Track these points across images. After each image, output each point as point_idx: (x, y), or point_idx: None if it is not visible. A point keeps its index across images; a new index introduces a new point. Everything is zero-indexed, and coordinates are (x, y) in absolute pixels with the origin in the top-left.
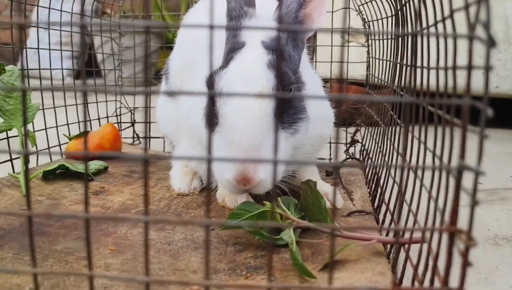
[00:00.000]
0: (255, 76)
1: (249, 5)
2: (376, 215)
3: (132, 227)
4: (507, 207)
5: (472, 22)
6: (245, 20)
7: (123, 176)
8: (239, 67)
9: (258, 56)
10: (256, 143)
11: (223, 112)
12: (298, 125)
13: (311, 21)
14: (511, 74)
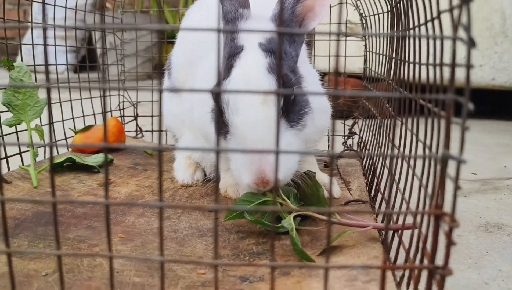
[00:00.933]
0: (257, 82)
1: (244, 7)
2: (372, 204)
3: (139, 216)
4: (499, 196)
5: (455, 23)
6: (241, 22)
7: (128, 168)
8: (240, 75)
9: (257, 61)
10: (268, 146)
11: (233, 122)
12: (305, 119)
13: (313, 14)
14: (507, 66)
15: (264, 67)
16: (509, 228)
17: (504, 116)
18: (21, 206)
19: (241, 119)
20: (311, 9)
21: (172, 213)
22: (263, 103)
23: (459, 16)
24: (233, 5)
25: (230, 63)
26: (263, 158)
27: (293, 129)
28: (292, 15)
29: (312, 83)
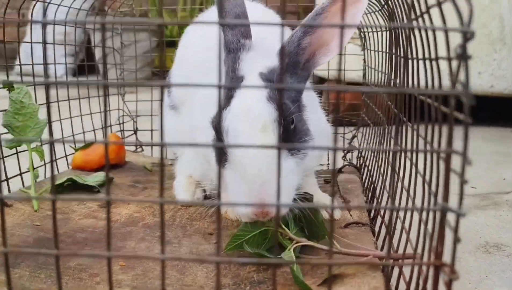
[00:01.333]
0: (256, 112)
1: (246, 38)
2: (372, 226)
3: (140, 241)
4: (499, 212)
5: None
6: (243, 53)
7: (128, 186)
8: (240, 105)
9: (257, 90)
10: (269, 178)
11: (232, 151)
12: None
13: (326, 50)
14: (506, 74)
15: (263, 97)
16: (508, 249)
17: (503, 123)
18: (23, 232)
19: (241, 150)
20: (325, 44)
21: (173, 237)
22: (262, 132)
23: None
24: (235, 36)
25: (230, 94)
26: (263, 188)
27: (294, 158)
28: (298, 48)
29: (313, 112)
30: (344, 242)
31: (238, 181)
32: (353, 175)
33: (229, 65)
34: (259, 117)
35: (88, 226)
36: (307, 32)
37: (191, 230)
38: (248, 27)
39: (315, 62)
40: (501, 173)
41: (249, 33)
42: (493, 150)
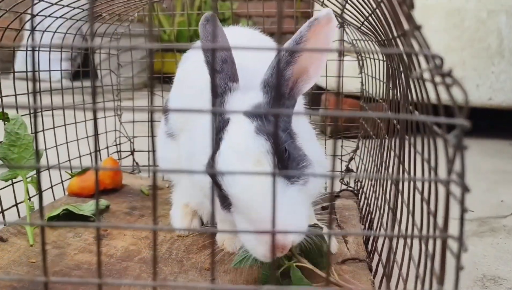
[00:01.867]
0: (245, 148)
1: (233, 81)
2: (369, 263)
3: (136, 279)
4: (496, 240)
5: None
6: (228, 95)
7: (124, 214)
8: (229, 146)
9: (243, 127)
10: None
11: (232, 194)
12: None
13: (306, 77)
14: (504, 86)
15: (251, 131)
16: (505, 283)
17: (501, 135)
18: (17, 270)
19: (238, 190)
20: (304, 71)
21: (169, 274)
22: (256, 166)
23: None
24: (223, 79)
25: (219, 137)
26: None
27: (295, 185)
28: (282, 79)
29: (307, 140)
30: (341, 279)
31: (247, 224)
32: (351, 201)
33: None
34: (249, 151)
35: (83, 262)
36: (289, 62)
37: (187, 265)
38: (235, 70)
39: (299, 90)
40: (500, 193)
41: (236, 76)
42: (491, 168)
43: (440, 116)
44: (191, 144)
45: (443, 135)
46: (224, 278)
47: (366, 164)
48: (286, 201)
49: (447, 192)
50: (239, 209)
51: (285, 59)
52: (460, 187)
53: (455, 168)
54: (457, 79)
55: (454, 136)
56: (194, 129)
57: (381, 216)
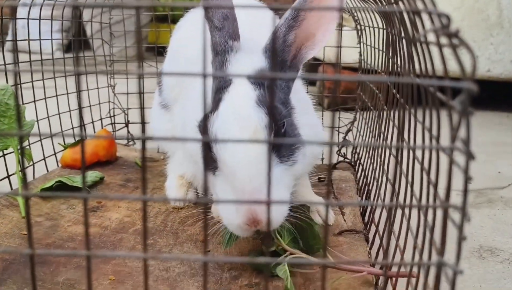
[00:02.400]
0: (246, 117)
1: (234, 39)
2: (366, 234)
3: (130, 251)
4: (493, 211)
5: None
6: (231, 55)
7: (119, 186)
8: (229, 109)
9: (246, 94)
10: (259, 185)
11: (221, 158)
12: (296, 155)
13: (312, 43)
14: (503, 58)
15: (253, 100)
16: (502, 253)
17: (499, 108)
18: (10, 243)
19: (230, 156)
20: (310, 36)
21: (164, 246)
22: (252, 137)
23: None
24: (223, 37)
25: (219, 97)
26: (254, 197)
27: (283, 165)
28: (284, 45)
29: (305, 112)
30: (337, 251)
31: (228, 190)
32: (347, 172)
33: (217, 68)
34: (249, 122)
35: (77, 234)
36: (291, 26)
37: (183, 237)
38: (237, 28)
39: (302, 58)
40: (497, 165)
41: (237, 34)
42: (490, 140)
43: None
44: (184, 114)
45: (447, 101)
46: (219, 249)
47: (363, 136)
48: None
49: (450, 160)
50: (223, 175)
51: (287, 23)
52: (464, 154)
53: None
54: (465, 40)
55: (459, 101)
56: (187, 99)
57: (378, 187)
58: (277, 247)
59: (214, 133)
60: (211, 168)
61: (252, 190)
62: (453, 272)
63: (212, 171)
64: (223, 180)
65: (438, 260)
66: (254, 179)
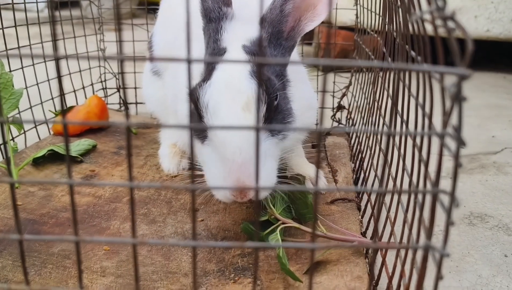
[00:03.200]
0: (238, 87)
1: (227, 5)
2: (358, 203)
3: (124, 221)
4: (485, 177)
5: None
6: (226, 23)
7: (112, 154)
8: (222, 79)
9: (240, 65)
10: (249, 157)
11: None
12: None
13: (312, 14)
14: (503, 17)
15: (246, 71)
16: (491, 220)
17: (495, 68)
18: (4, 214)
19: (220, 124)
20: (310, 7)
21: (158, 215)
22: (244, 109)
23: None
24: (216, 3)
25: (212, 65)
26: (242, 168)
27: (274, 138)
28: (281, 15)
29: (299, 81)
30: (329, 220)
31: (216, 160)
32: (342, 139)
33: (210, 35)
34: (241, 93)
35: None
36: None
37: (176, 206)
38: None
39: (300, 30)
40: (491, 129)
41: (230, 1)
42: (484, 102)
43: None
44: (175, 84)
45: (441, 83)
46: (213, 218)
47: (358, 101)
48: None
49: (441, 145)
50: (213, 144)
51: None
52: (455, 141)
53: (451, 120)
54: (461, 24)
55: (453, 85)
56: (178, 67)
57: (371, 156)
58: (269, 217)
59: (205, 102)
60: (200, 137)
61: (242, 161)
62: (440, 255)
63: (200, 140)
64: (212, 150)
65: (425, 243)
66: (244, 151)
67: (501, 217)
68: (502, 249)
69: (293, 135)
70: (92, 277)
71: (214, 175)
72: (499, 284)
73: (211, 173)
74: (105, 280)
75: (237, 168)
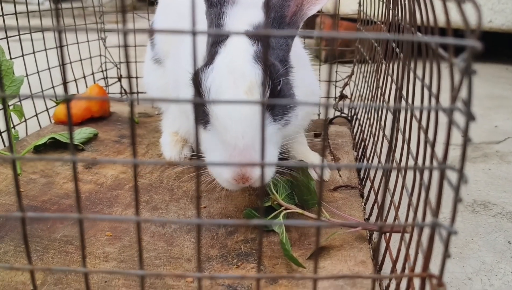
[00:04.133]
0: (241, 72)
1: None
2: (361, 190)
3: (127, 206)
4: (488, 165)
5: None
6: (228, 8)
7: (113, 142)
8: (224, 63)
9: (243, 49)
10: (251, 143)
11: (214, 112)
12: (289, 115)
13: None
14: (506, 8)
15: (250, 56)
16: (495, 208)
17: (498, 60)
18: (5, 200)
19: (223, 110)
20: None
21: (160, 202)
22: (247, 94)
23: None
24: None
25: (214, 50)
26: (244, 153)
27: (276, 124)
28: (284, 1)
29: (301, 67)
30: (333, 206)
31: (218, 145)
32: (344, 127)
33: (212, 21)
34: (245, 77)
35: (73, 190)
36: None
37: (178, 193)
38: None
39: (303, 14)
40: (494, 119)
41: None
42: (487, 93)
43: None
44: (176, 70)
45: (449, 59)
46: (215, 205)
47: (361, 90)
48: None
49: (449, 121)
50: (215, 129)
51: None
52: (465, 116)
53: (460, 95)
54: None
55: (462, 59)
56: (179, 54)
57: (375, 143)
58: (272, 202)
59: (207, 87)
60: (202, 122)
61: (244, 146)
62: (448, 232)
63: (203, 126)
64: (214, 135)
65: (432, 221)
66: (246, 136)
67: (504, 205)
68: (505, 236)
69: (296, 122)
70: (94, 262)
71: (215, 160)
72: (503, 270)
73: (213, 159)
74: (108, 265)
75: (239, 153)
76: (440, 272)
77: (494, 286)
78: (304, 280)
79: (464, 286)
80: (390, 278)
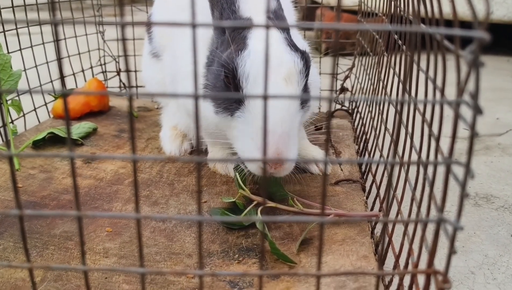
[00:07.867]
0: (281, 58)
1: None
2: (363, 184)
3: (127, 202)
4: (490, 158)
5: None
6: None
7: (113, 137)
8: (261, 49)
9: (275, 35)
10: (288, 129)
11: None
12: (307, 106)
13: None
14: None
15: (284, 43)
16: (497, 201)
17: (499, 51)
18: (4, 196)
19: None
20: None
21: (160, 197)
22: (286, 81)
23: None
24: None
25: (241, 35)
26: (281, 139)
27: (301, 111)
28: None
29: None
30: (334, 201)
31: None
32: (345, 120)
33: (223, 7)
34: (284, 64)
35: (72, 185)
36: None
37: (179, 188)
38: None
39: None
40: (495, 111)
41: None
42: (488, 85)
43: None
44: (174, 65)
45: (456, 51)
46: (216, 200)
47: (362, 83)
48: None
49: (456, 114)
50: (249, 115)
51: None
52: (472, 109)
53: (467, 88)
54: None
55: (470, 51)
56: (177, 47)
57: (376, 136)
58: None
59: (246, 72)
60: (229, 109)
61: (281, 133)
62: (454, 228)
63: (230, 113)
64: (245, 122)
65: (438, 216)
66: (284, 123)
67: (506, 198)
68: (508, 229)
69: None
70: (95, 258)
71: (248, 147)
72: (506, 264)
73: (245, 145)
74: (108, 261)
75: (277, 139)
76: (446, 269)
77: (497, 279)
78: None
79: (467, 280)
80: (393, 274)
